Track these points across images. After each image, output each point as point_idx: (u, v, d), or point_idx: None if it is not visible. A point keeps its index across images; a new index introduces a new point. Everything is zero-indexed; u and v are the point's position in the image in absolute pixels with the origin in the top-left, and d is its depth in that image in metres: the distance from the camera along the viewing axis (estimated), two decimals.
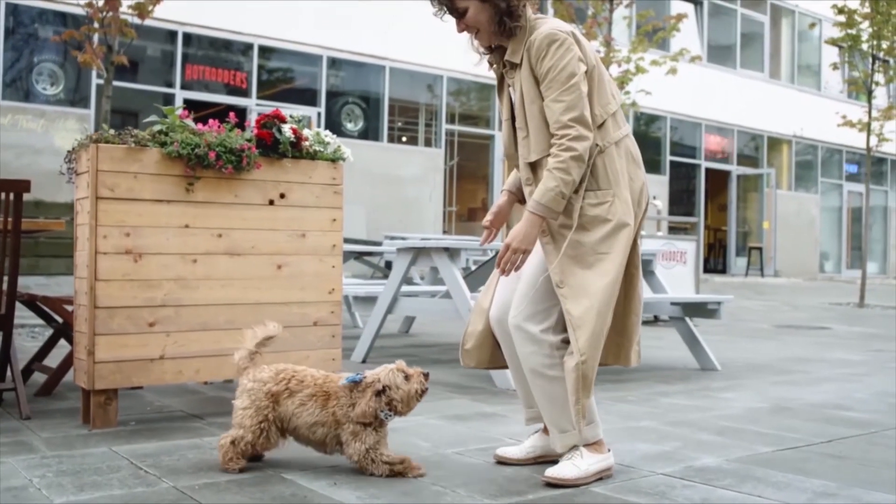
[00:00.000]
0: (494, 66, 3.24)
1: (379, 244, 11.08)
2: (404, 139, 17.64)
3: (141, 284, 3.81)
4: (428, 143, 17.76)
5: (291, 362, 4.21)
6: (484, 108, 18.61)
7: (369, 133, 16.69)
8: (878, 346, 8.14)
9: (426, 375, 3.06)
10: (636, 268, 3.16)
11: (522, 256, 2.99)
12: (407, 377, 3.02)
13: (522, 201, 3.23)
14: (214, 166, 3.92)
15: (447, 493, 2.86)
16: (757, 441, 3.76)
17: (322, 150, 4.32)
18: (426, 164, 17.32)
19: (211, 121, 4.07)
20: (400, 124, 17.57)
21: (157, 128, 3.93)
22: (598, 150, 3.02)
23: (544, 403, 3.08)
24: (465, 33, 3.14)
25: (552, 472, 2.98)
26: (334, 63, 16.32)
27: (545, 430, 3.24)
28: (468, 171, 18.93)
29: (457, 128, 18.09)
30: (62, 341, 4.90)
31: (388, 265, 10.90)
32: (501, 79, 3.22)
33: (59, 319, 4.73)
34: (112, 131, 3.83)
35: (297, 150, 4.21)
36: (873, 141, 15.38)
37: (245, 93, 15.20)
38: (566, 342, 3.03)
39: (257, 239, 4.11)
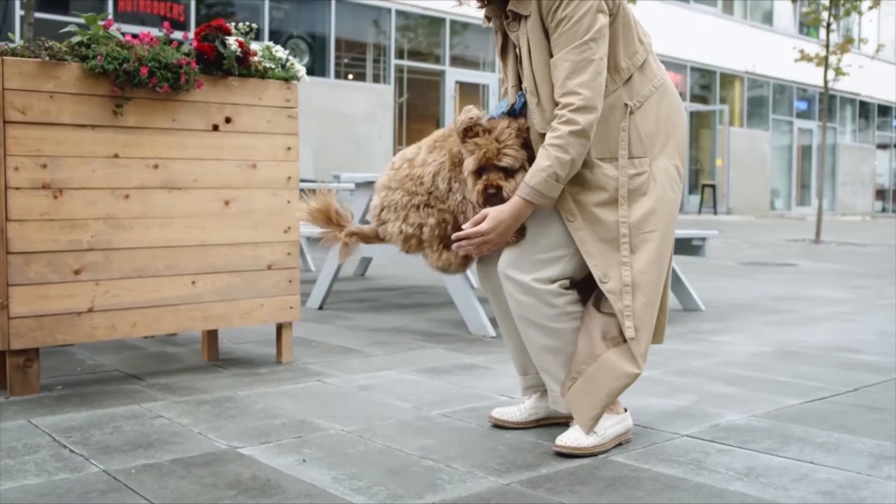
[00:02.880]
0: (493, 20, 2.62)
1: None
2: (351, 76, 16.91)
3: (63, 225, 3.23)
4: (376, 80, 17.05)
5: (242, 312, 3.70)
6: (433, 43, 17.90)
7: (315, 69, 15.91)
8: (853, 283, 7.83)
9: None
10: (672, 236, 2.67)
11: (490, 248, 2.48)
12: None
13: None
14: (147, 85, 3.32)
15: (442, 469, 2.36)
16: (778, 392, 3.33)
17: (273, 67, 3.73)
18: (375, 102, 16.62)
19: (142, 32, 3.46)
20: (347, 60, 16.83)
21: (76, 39, 3.30)
22: (628, 110, 2.48)
23: (545, 360, 2.58)
24: None
25: (564, 439, 2.49)
26: None
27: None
28: (418, 109, 18.27)
29: (406, 63, 17.38)
30: None
31: None
32: (505, 37, 2.62)
33: None
34: (21, 42, 3.20)
35: (244, 66, 3.62)
36: (831, 75, 15.11)
37: (183, 27, 14.28)
38: (565, 288, 2.52)
39: (200, 170, 3.53)
